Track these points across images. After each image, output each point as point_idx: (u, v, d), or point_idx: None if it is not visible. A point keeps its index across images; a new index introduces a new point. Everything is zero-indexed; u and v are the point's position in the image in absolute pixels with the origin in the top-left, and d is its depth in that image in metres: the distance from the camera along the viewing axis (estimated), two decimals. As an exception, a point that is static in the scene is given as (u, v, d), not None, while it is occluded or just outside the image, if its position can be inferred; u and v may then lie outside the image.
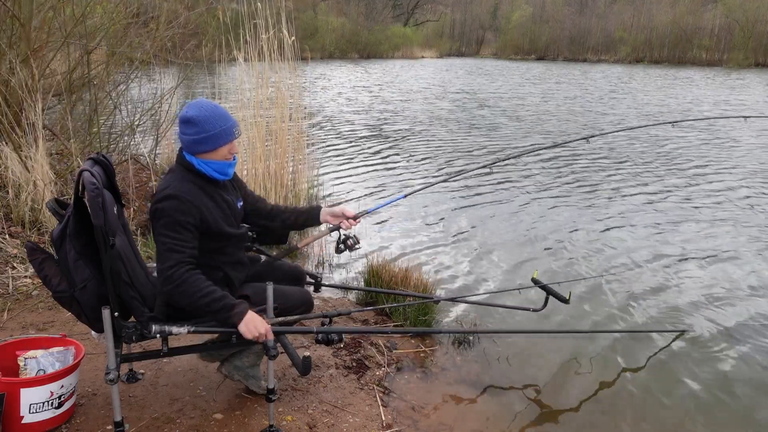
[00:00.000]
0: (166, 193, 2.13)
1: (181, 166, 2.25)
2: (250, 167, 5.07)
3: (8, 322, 3.17)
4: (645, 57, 49.38)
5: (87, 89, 5.72)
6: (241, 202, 2.46)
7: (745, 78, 28.99)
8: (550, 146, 8.05)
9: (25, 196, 4.29)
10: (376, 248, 4.92)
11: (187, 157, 2.24)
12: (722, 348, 3.47)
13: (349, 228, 2.65)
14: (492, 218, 5.90)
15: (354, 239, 2.67)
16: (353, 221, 2.64)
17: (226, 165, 2.27)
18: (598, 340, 3.50)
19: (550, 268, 4.63)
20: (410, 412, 2.68)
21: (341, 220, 2.63)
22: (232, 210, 2.35)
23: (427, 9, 71.29)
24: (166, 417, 2.42)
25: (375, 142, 10.21)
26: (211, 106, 2.21)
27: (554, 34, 56.69)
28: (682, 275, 4.51)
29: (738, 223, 5.84)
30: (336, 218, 2.63)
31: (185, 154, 2.24)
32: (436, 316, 3.59)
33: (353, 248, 2.67)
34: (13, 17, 4.90)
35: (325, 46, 45.90)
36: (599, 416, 2.81)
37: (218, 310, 2.09)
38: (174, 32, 6.31)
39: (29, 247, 2.19)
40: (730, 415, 2.87)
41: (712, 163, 8.69)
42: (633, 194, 6.88)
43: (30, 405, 2.20)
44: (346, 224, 2.64)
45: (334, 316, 2.52)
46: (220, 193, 2.31)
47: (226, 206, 2.31)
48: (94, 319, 2.12)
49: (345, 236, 2.67)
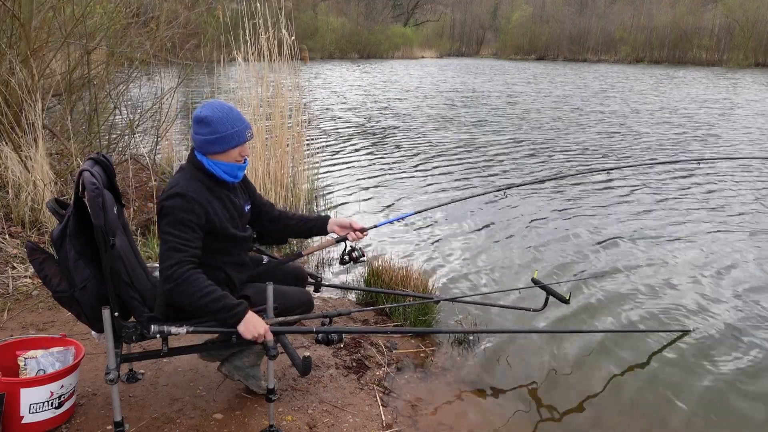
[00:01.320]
0: (173, 191, 2.13)
1: (191, 164, 2.26)
2: (250, 167, 5.08)
3: (8, 322, 3.17)
4: (645, 57, 49.38)
5: (87, 89, 5.72)
6: (249, 205, 2.47)
7: (739, 78, 29.02)
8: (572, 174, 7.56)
9: (25, 196, 4.29)
10: (377, 248, 4.92)
11: (198, 156, 2.24)
12: (725, 348, 3.46)
13: (356, 240, 2.66)
14: (492, 219, 5.90)
15: (359, 251, 2.68)
16: (360, 233, 2.65)
17: (236, 167, 2.27)
18: (598, 340, 3.50)
19: (550, 268, 4.63)
20: (410, 412, 2.68)
21: (348, 231, 2.63)
22: (239, 212, 2.35)
23: (427, 9, 71.29)
24: (166, 417, 2.42)
25: (375, 141, 10.21)
26: (225, 108, 2.22)
27: (554, 34, 56.70)
28: (684, 275, 4.51)
29: (740, 222, 5.84)
30: (343, 229, 2.63)
31: (197, 154, 2.25)
32: (436, 316, 3.59)
33: (358, 260, 2.68)
34: (13, 17, 4.90)
35: (325, 46, 45.93)
36: (599, 416, 2.81)
37: (218, 310, 2.09)
38: (174, 32, 6.31)
39: (29, 247, 2.19)
40: (731, 417, 2.87)
41: (714, 162, 8.69)
42: (633, 194, 6.88)
43: (30, 405, 2.20)
44: (353, 236, 2.64)
45: (334, 316, 2.52)
46: (228, 194, 2.31)
47: (233, 208, 2.31)
48: (94, 319, 2.12)
49: (351, 248, 2.68)
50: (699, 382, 3.11)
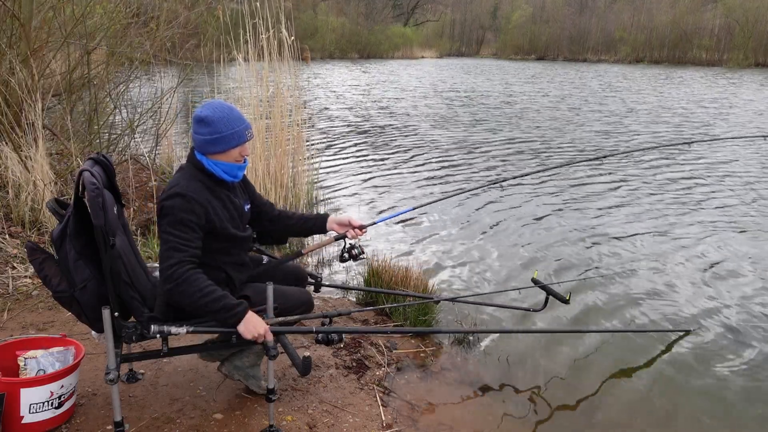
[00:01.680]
0: (173, 191, 2.13)
1: (191, 164, 2.26)
2: (250, 167, 5.08)
3: (8, 322, 3.17)
4: (645, 57, 49.39)
5: (87, 89, 5.72)
6: (248, 205, 2.47)
7: (738, 78, 29.00)
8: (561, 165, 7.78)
9: (25, 196, 4.29)
10: (377, 248, 4.92)
11: (198, 156, 2.24)
12: (726, 348, 3.46)
13: (355, 237, 2.65)
14: (492, 218, 5.90)
15: (359, 249, 2.67)
16: (359, 231, 2.64)
17: (236, 167, 2.27)
18: (599, 341, 3.50)
19: (550, 268, 4.63)
20: (410, 412, 2.68)
21: (347, 229, 2.63)
22: (238, 212, 2.35)
23: (427, 9, 71.30)
24: (166, 417, 2.42)
25: (375, 141, 10.20)
26: (226, 108, 2.22)
27: (554, 34, 56.73)
28: (685, 274, 4.51)
29: (740, 222, 5.84)
30: (342, 227, 2.63)
31: (196, 153, 2.25)
32: (436, 316, 3.59)
33: (358, 258, 2.67)
34: (13, 17, 4.90)
35: (325, 46, 45.93)
36: (600, 416, 2.81)
37: (218, 310, 2.09)
38: (174, 32, 6.31)
39: (29, 247, 2.19)
40: (732, 416, 2.87)
41: (711, 164, 8.70)
42: (633, 194, 6.88)
43: (30, 405, 2.20)
44: (352, 233, 2.63)
45: (334, 316, 2.52)
46: (228, 194, 2.31)
47: (233, 208, 2.31)
48: (94, 319, 2.12)
49: (350, 246, 2.67)
50: (700, 382, 3.11)
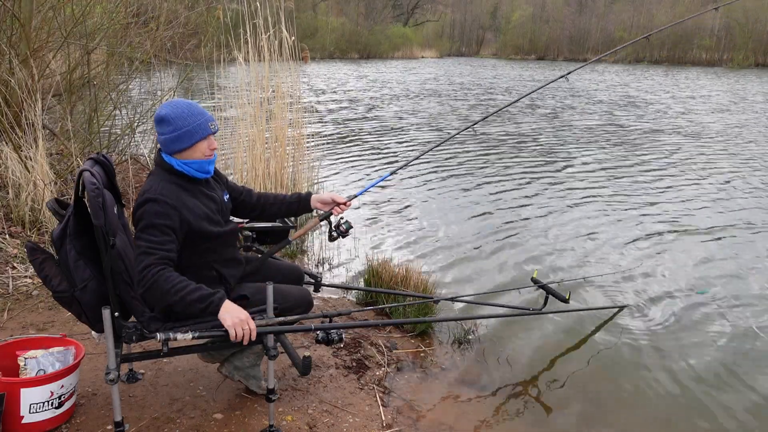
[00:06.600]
0: (145, 197, 2.11)
1: (160, 168, 2.23)
2: (250, 167, 5.07)
3: (8, 322, 3.17)
4: (645, 57, 49.40)
5: (87, 89, 5.72)
6: (227, 194, 2.45)
7: (738, 78, 29.00)
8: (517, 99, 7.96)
9: (25, 196, 4.29)
10: (376, 248, 4.92)
11: (166, 158, 2.21)
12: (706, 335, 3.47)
13: (340, 213, 2.64)
14: (492, 218, 5.90)
15: (347, 224, 2.65)
16: (344, 206, 2.63)
17: (206, 163, 2.25)
18: (600, 341, 3.51)
19: (549, 268, 4.63)
20: (410, 412, 2.68)
21: (332, 206, 2.62)
22: (218, 205, 2.33)
23: (427, 9, 71.33)
24: (166, 417, 2.42)
25: (375, 141, 10.20)
26: (184, 104, 2.20)
27: (554, 34, 56.77)
28: (686, 275, 4.51)
29: (741, 223, 5.84)
30: (326, 205, 2.62)
31: (164, 155, 2.21)
32: (435, 315, 3.59)
33: (346, 233, 2.65)
34: (13, 17, 4.90)
35: (325, 46, 45.92)
36: (599, 415, 2.81)
37: (194, 301, 2.02)
38: (174, 32, 6.30)
39: (29, 247, 2.18)
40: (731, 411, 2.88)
41: (705, 157, 8.71)
42: (634, 194, 6.88)
43: (30, 405, 2.20)
44: (337, 210, 2.63)
45: (333, 315, 2.52)
46: (203, 190, 2.29)
47: (211, 202, 2.29)
48: (94, 319, 2.12)
49: (337, 222, 2.66)
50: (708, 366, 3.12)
